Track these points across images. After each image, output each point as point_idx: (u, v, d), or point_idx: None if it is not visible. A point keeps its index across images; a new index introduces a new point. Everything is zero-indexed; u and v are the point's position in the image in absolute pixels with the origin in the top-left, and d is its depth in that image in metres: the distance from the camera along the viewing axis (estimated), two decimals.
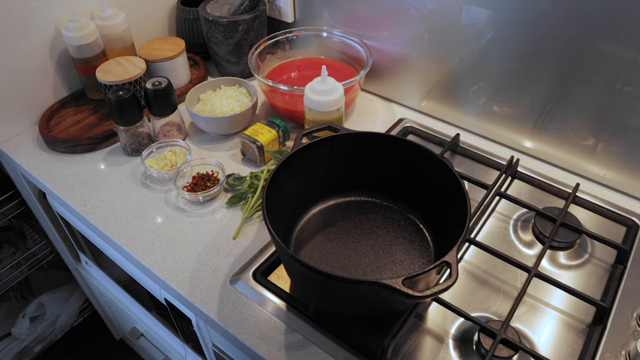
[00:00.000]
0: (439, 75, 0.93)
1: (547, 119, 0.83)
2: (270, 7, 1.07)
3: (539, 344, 0.62)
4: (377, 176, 0.74)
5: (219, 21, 0.98)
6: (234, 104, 0.93)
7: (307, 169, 0.70)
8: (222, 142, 0.94)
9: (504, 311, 0.65)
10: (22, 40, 0.89)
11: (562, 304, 0.66)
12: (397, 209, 0.75)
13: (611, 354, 0.60)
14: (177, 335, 0.99)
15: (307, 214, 0.74)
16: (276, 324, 0.64)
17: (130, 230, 0.77)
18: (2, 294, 1.33)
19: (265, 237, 0.75)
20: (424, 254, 0.68)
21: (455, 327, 0.64)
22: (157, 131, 0.91)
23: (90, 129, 0.94)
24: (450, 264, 0.51)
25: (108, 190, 0.84)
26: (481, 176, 0.85)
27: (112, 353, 1.54)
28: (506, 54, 0.81)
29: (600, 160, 0.81)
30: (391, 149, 0.70)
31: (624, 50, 0.70)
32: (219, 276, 0.70)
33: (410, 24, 0.90)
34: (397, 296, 0.48)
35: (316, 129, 0.72)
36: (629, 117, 0.75)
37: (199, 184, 0.81)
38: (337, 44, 1.03)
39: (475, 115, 0.92)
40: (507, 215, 0.79)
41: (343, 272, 0.66)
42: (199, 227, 0.77)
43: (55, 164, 0.89)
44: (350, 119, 0.99)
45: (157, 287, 0.84)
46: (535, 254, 0.73)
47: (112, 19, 0.95)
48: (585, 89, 0.77)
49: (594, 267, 0.71)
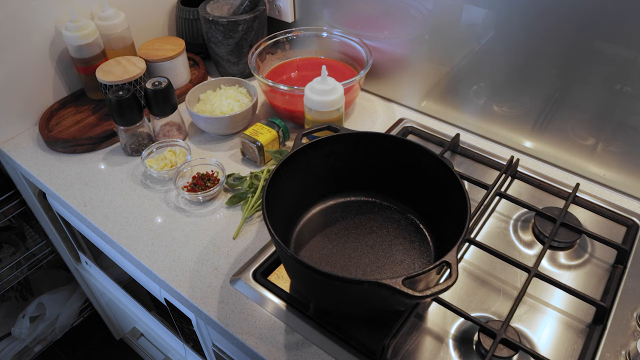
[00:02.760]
0: (439, 75, 0.93)
1: (547, 119, 0.83)
2: (270, 7, 1.07)
3: (539, 344, 0.62)
4: (377, 176, 0.74)
5: (219, 21, 0.98)
6: (234, 104, 0.93)
7: (307, 168, 0.70)
8: (222, 142, 0.94)
9: (504, 311, 0.65)
10: (22, 40, 0.89)
11: (562, 304, 0.66)
12: (397, 209, 0.75)
13: (611, 354, 0.60)
14: (177, 335, 0.99)
15: (307, 214, 0.74)
16: (276, 324, 0.64)
17: (130, 230, 0.77)
18: (2, 294, 1.33)
19: (265, 237, 0.75)
20: (424, 254, 0.68)
21: (455, 327, 0.64)
22: (157, 131, 0.91)
23: (90, 129, 0.94)
24: (450, 264, 0.51)
25: (108, 190, 0.84)
26: (481, 176, 0.85)
27: (112, 353, 1.54)
28: (506, 54, 0.81)
29: (600, 160, 0.81)
30: (391, 149, 0.70)
31: (624, 50, 0.70)
32: (219, 276, 0.70)
33: (410, 24, 0.90)
34: (397, 296, 0.48)
35: (316, 129, 0.72)
36: (629, 117, 0.75)
37: (199, 184, 0.81)
38: (337, 44, 1.03)
39: (475, 115, 0.92)
40: (507, 215, 0.79)
41: (343, 272, 0.66)
42: (199, 227, 0.77)
43: (55, 164, 0.90)
44: (350, 119, 0.99)
45: (157, 287, 0.84)
46: (535, 254, 0.73)
47: (112, 19, 0.95)
48: (585, 89, 0.77)
49: (594, 267, 0.71)
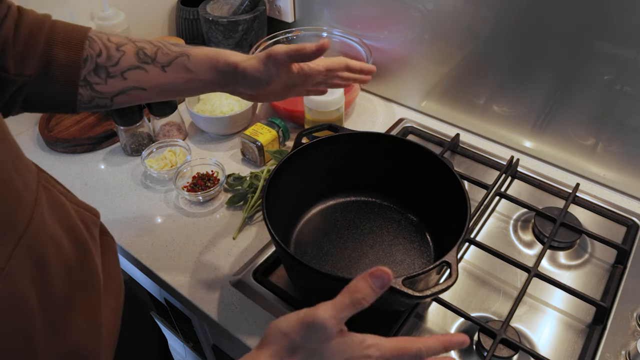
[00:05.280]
0: (439, 75, 0.93)
1: (547, 119, 0.83)
2: (270, 7, 1.08)
3: (539, 344, 0.62)
4: (377, 176, 0.74)
5: (219, 21, 0.98)
6: (234, 104, 0.93)
7: (307, 168, 0.70)
8: (222, 142, 0.94)
9: (504, 311, 0.65)
10: None
11: (562, 304, 0.66)
12: (397, 209, 0.75)
13: (611, 354, 0.60)
14: (177, 335, 0.99)
15: (307, 214, 0.74)
16: None
17: (131, 230, 0.77)
18: None
19: (265, 237, 0.75)
20: (424, 254, 0.68)
21: (455, 327, 0.64)
22: (157, 131, 0.91)
23: (90, 129, 0.94)
24: (450, 264, 0.51)
25: (108, 190, 0.84)
26: (481, 176, 0.85)
27: None
28: (506, 54, 0.81)
29: (600, 160, 0.81)
30: (391, 149, 0.70)
31: (624, 50, 0.70)
32: (219, 276, 0.70)
33: (410, 24, 0.90)
34: (397, 296, 0.48)
35: (316, 129, 0.72)
36: (629, 117, 0.75)
37: (199, 184, 0.81)
38: (337, 44, 1.03)
39: (475, 115, 0.92)
40: (507, 215, 0.79)
41: (343, 272, 0.66)
42: (199, 227, 0.77)
43: (55, 164, 0.89)
44: (350, 119, 0.99)
45: (157, 287, 0.84)
46: (535, 254, 0.73)
47: (112, 19, 0.95)
48: (585, 89, 0.77)
49: (594, 267, 0.71)
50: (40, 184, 0.41)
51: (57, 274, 0.40)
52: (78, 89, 0.54)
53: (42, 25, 0.52)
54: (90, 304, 0.45)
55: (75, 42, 0.53)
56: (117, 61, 0.55)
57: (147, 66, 0.56)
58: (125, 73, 0.55)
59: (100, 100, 0.56)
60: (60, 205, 0.44)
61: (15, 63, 0.50)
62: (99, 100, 0.56)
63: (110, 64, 0.55)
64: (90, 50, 0.54)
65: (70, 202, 0.47)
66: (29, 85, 0.51)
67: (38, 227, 0.37)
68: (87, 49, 0.54)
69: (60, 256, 0.41)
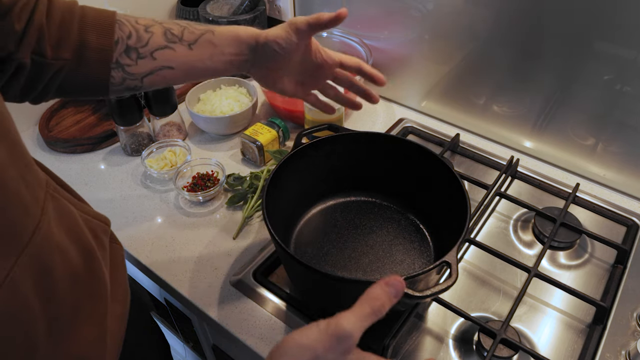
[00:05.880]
0: (439, 75, 0.93)
1: (547, 119, 0.83)
2: (270, 7, 1.08)
3: (539, 344, 0.62)
4: (377, 176, 0.74)
5: (219, 21, 0.98)
6: (234, 104, 0.93)
7: (307, 168, 0.70)
8: (222, 142, 0.94)
9: (504, 311, 0.65)
10: None
11: (562, 304, 0.66)
12: (397, 209, 0.75)
13: (611, 354, 0.60)
14: (177, 335, 0.99)
15: (307, 214, 0.74)
16: (276, 324, 0.64)
17: (130, 230, 0.77)
18: None
19: (265, 237, 0.75)
20: (424, 254, 0.68)
21: (455, 327, 0.64)
22: (157, 131, 0.91)
23: (90, 129, 0.94)
24: (450, 264, 0.51)
25: (108, 190, 0.84)
26: (481, 176, 0.85)
27: None
28: (506, 54, 0.81)
29: (600, 160, 0.81)
30: (391, 149, 0.70)
31: (624, 50, 0.70)
32: (219, 276, 0.70)
33: (410, 24, 0.90)
34: None
35: (316, 129, 0.72)
36: (629, 117, 0.75)
37: (199, 184, 0.81)
38: (337, 44, 1.03)
39: (475, 115, 0.92)
40: (507, 215, 0.79)
41: (343, 272, 0.66)
42: (199, 227, 0.77)
43: (55, 164, 0.89)
44: (350, 119, 0.99)
45: (157, 287, 0.84)
46: (535, 254, 0.73)
47: None
48: (585, 89, 0.77)
49: (594, 267, 0.71)
50: (48, 194, 0.41)
51: (63, 282, 0.40)
52: (111, 71, 0.54)
53: (72, 11, 0.53)
54: (97, 313, 0.45)
55: (106, 25, 0.54)
56: (147, 42, 0.56)
57: (174, 45, 0.57)
58: (154, 53, 0.56)
59: (130, 82, 0.56)
60: (67, 214, 0.44)
61: (52, 48, 0.51)
62: (130, 81, 0.56)
63: (140, 45, 0.56)
64: (120, 32, 0.55)
65: (79, 210, 0.47)
66: (64, 70, 0.52)
67: (43, 237, 0.37)
68: (118, 31, 0.55)
69: (66, 265, 0.41)
